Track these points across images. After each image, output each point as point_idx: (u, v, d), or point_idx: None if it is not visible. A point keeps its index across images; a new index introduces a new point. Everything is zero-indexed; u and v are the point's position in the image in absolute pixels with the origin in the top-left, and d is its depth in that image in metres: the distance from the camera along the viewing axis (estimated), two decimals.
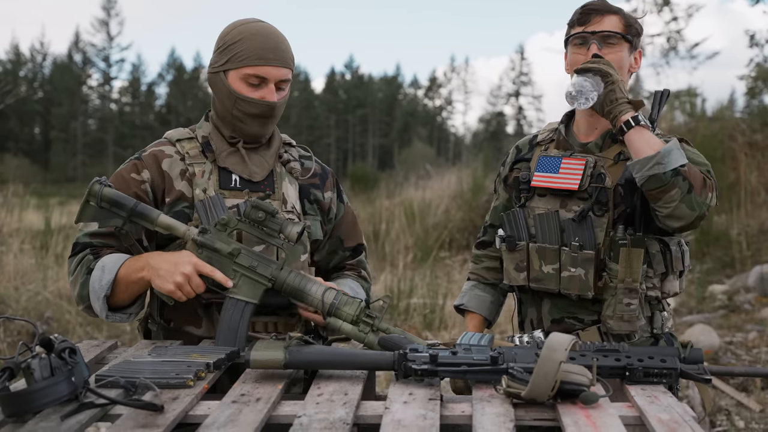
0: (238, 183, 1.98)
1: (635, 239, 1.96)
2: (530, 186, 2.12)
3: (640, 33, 2.09)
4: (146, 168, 1.96)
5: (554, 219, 2.05)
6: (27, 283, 6.05)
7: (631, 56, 2.09)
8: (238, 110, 1.95)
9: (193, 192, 1.94)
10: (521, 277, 2.12)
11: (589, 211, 2.01)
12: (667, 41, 22.18)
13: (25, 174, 27.45)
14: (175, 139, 2.01)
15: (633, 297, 1.96)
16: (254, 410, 1.36)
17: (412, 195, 11.33)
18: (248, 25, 1.96)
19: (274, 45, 1.94)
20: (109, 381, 1.45)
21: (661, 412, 1.34)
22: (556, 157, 2.09)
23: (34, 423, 1.28)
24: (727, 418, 3.97)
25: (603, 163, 2.04)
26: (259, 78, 1.93)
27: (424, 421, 1.30)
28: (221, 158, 1.98)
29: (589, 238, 2.01)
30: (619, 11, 2.07)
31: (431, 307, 6.01)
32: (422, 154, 31.82)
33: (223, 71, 1.95)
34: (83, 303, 1.91)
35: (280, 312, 1.97)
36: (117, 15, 51.39)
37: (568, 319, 2.08)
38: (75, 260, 1.93)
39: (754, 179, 8.99)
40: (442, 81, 64.62)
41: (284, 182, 2.03)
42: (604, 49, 2.03)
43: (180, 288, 1.77)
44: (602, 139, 2.08)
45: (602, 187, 2.01)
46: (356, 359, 1.54)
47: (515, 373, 1.41)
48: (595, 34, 2.03)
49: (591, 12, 2.05)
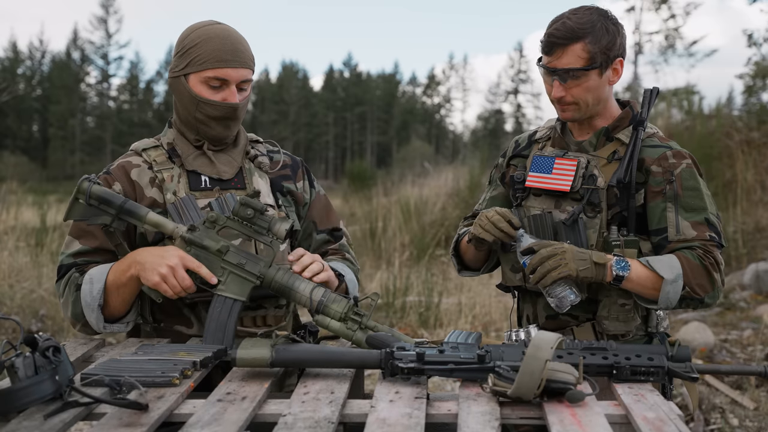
0: (207, 183, 1.98)
1: (628, 240, 1.95)
2: (525, 186, 2.11)
3: (610, 50, 1.96)
4: (116, 180, 1.96)
5: (548, 220, 2.03)
6: (22, 281, 6.04)
7: (606, 72, 1.98)
8: (201, 113, 1.95)
9: (164, 197, 1.94)
10: (517, 277, 2.11)
11: (580, 214, 2.00)
12: (665, 39, 22.24)
13: (23, 171, 27.47)
14: (141, 149, 2.02)
15: (627, 297, 1.96)
16: (239, 409, 1.36)
17: (409, 193, 11.31)
18: (206, 28, 1.96)
19: (233, 46, 1.94)
20: (93, 379, 1.45)
21: (647, 410, 1.33)
22: (550, 156, 2.08)
23: (18, 422, 1.28)
24: (721, 416, 3.97)
25: (596, 162, 2.03)
26: (220, 80, 1.93)
27: (410, 419, 1.29)
28: (188, 162, 1.99)
29: (580, 241, 1.99)
30: (584, 36, 1.93)
31: (427, 304, 6.00)
32: (420, 151, 31.82)
33: (183, 75, 1.96)
34: (79, 321, 1.91)
35: (267, 305, 1.97)
36: (116, 13, 51.29)
37: (563, 316, 2.07)
38: (62, 282, 1.94)
39: (751, 177, 8.99)
40: (441, 78, 64.71)
41: (254, 177, 2.04)
42: (569, 83, 1.96)
43: (165, 279, 1.76)
44: (596, 137, 2.06)
45: (594, 188, 1.99)
46: (343, 357, 1.54)
47: (502, 372, 1.40)
48: (555, 72, 1.96)
49: (553, 45, 1.96)
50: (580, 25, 1.93)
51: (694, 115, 10.90)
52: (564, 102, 2.00)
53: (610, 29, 1.96)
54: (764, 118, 10.01)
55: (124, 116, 51.54)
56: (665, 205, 1.97)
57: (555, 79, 1.98)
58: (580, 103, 1.99)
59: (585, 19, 1.94)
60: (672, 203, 1.96)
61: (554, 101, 2.02)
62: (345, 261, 2.16)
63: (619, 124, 2.05)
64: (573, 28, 1.94)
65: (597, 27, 1.94)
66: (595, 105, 2.01)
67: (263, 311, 1.97)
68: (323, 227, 2.17)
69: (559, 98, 2.00)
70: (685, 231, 1.94)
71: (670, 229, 1.95)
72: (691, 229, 1.94)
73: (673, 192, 1.97)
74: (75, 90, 49.70)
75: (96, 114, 51.76)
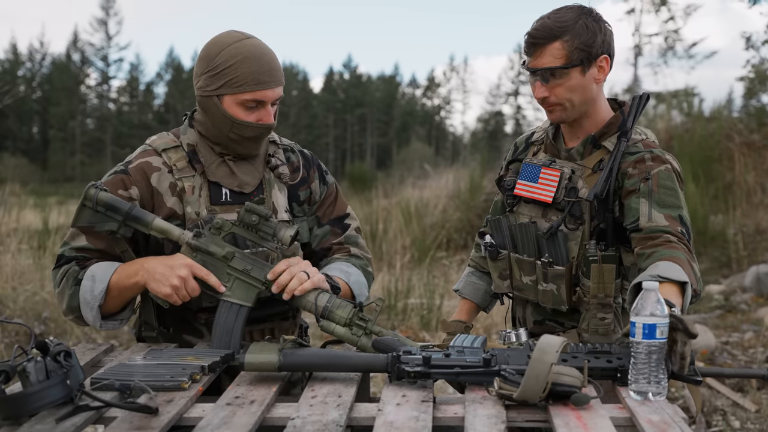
0: (228, 197, 1.96)
1: (606, 256, 1.92)
2: (514, 194, 2.10)
3: (591, 47, 1.92)
4: (134, 184, 1.91)
5: (531, 231, 2.02)
6: (24, 284, 6.04)
7: (590, 71, 1.94)
8: (235, 134, 1.92)
9: (184, 209, 1.92)
10: (505, 285, 2.13)
11: (559, 227, 1.98)
12: (665, 41, 22.26)
13: (24, 173, 27.45)
14: (161, 149, 1.96)
15: (607, 312, 1.94)
16: (248, 412, 1.37)
17: (409, 195, 11.32)
18: (238, 45, 1.89)
19: (269, 66, 1.89)
20: (104, 384, 1.46)
21: (651, 413, 1.35)
22: (537, 165, 2.06)
23: (29, 426, 1.29)
24: (722, 419, 3.98)
25: (582, 172, 1.99)
26: (257, 102, 1.90)
27: (417, 422, 1.31)
28: (210, 171, 1.95)
29: (559, 254, 1.98)
30: (562, 34, 1.90)
31: (428, 307, 6.01)
32: (421, 153, 31.80)
33: (216, 96, 1.90)
34: (72, 313, 1.90)
35: (274, 318, 1.98)
36: (116, 14, 51.23)
37: (549, 322, 2.09)
38: (60, 272, 1.91)
39: (751, 179, 9.01)
40: (441, 80, 64.66)
41: (274, 190, 2.02)
42: (551, 83, 1.93)
43: (176, 291, 1.77)
44: (583, 145, 2.01)
45: (575, 200, 1.96)
46: (350, 361, 1.55)
47: (507, 375, 1.42)
48: (536, 72, 1.94)
49: (532, 45, 1.94)
50: (559, 24, 1.91)
51: (694, 117, 10.91)
52: (549, 103, 1.96)
53: (590, 26, 1.92)
54: (764, 121, 10.03)
55: (124, 118, 51.51)
56: (639, 200, 1.88)
57: (537, 79, 1.95)
58: (565, 103, 1.95)
59: (564, 18, 1.92)
60: (646, 198, 1.87)
61: (540, 102, 1.99)
62: (350, 258, 2.10)
63: (607, 131, 1.99)
64: (551, 27, 1.91)
65: (576, 25, 1.91)
66: (582, 105, 1.96)
67: (270, 324, 1.98)
68: (327, 219, 2.12)
69: (543, 99, 1.96)
70: (657, 219, 1.83)
71: (641, 217, 1.85)
72: (663, 219, 1.83)
73: (648, 188, 1.88)
74: (75, 92, 49.66)
75: (96, 116, 51.72)
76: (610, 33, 1.98)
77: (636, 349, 1.40)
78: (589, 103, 1.97)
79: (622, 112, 2.01)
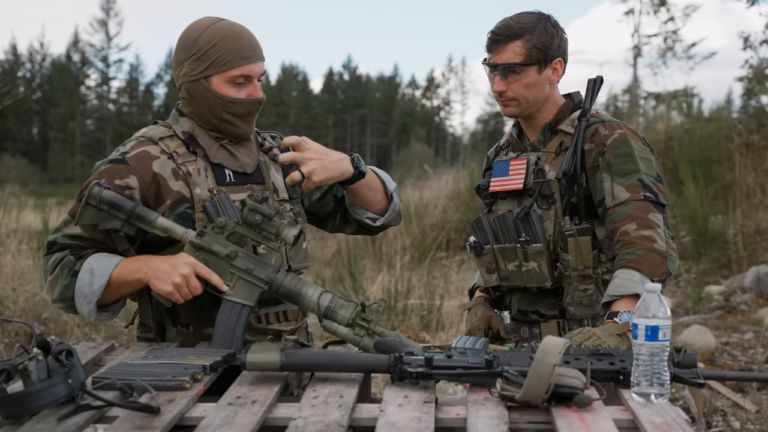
0: (232, 178, 1.98)
1: (581, 229, 2.05)
2: (490, 192, 2.24)
3: (548, 48, 2.10)
4: (133, 173, 1.89)
5: (509, 219, 2.15)
6: (24, 284, 6.04)
7: (546, 71, 2.12)
8: (228, 113, 1.94)
9: (192, 192, 1.92)
10: (494, 278, 2.23)
11: (531, 207, 2.11)
12: (664, 41, 22.24)
13: (23, 174, 27.42)
14: (157, 137, 1.96)
15: (588, 283, 2.06)
16: (250, 412, 1.37)
17: (409, 195, 11.30)
18: (216, 26, 1.93)
19: (250, 41, 1.95)
20: (105, 383, 1.46)
21: (654, 415, 1.35)
22: (506, 160, 2.22)
23: (31, 425, 1.29)
24: (723, 419, 3.98)
25: (547, 157, 2.15)
26: (245, 77, 1.93)
27: (419, 423, 1.31)
28: (212, 154, 1.97)
29: (535, 233, 2.10)
30: (523, 34, 2.08)
31: (428, 307, 6.00)
32: (420, 154, 31.83)
33: (204, 78, 1.92)
34: (63, 303, 1.89)
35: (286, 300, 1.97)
36: (116, 15, 51.23)
37: (531, 314, 2.19)
38: (52, 259, 1.88)
39: (751, 180, 9.00)
40: (440, 81, 64.69)
41: (271, 171, 2.06)
42: (509, 78, 2.10)
43: (178, 289, 1.77)
44: (542, 134, 2.18)
45: (543, 181, 2.10)
46: (352, 362, 1.55)
47: (510, 377, 1.42)
48: (496, 68, 2.11)
49: (494, 42, 2.11)
50: (520, 25, 2.10)
51: (693, 117, 10.90)
52: (505, 97, 2.13)
53: (549, 30, 2.11)
54: (764, 121, 10.02)
55: (124, 119, 51.49)
56: (602, 176, 2.06)
57: (496, 74, 2.11)
58: (520, 99, 2.12)
59: (525, 20, 2.11)
60: (607, 173, 2.05)
61: (496, 97, 2.15)
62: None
63: (561, 116, 2.16)
64: (513, 26, 2.10)
65: (536, 27, 2.09)
66: (535, 103, 2.14)
67: (282, 306, 1.99)
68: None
69: (500, 92, 2.12)
70: (619, 195, 2.01)
71: (606, 197, 2.03)
72: (624, 191, 2.01)
73: (606, 162, 2.05)
74: (75, 93, 49.67)
75: (96, 117, 51.75)
76: (566, 40, 2.17)
77: (638, 351, 1.40)
78: (541, 101, 2.15)
79: (572, 99, 2.19)
